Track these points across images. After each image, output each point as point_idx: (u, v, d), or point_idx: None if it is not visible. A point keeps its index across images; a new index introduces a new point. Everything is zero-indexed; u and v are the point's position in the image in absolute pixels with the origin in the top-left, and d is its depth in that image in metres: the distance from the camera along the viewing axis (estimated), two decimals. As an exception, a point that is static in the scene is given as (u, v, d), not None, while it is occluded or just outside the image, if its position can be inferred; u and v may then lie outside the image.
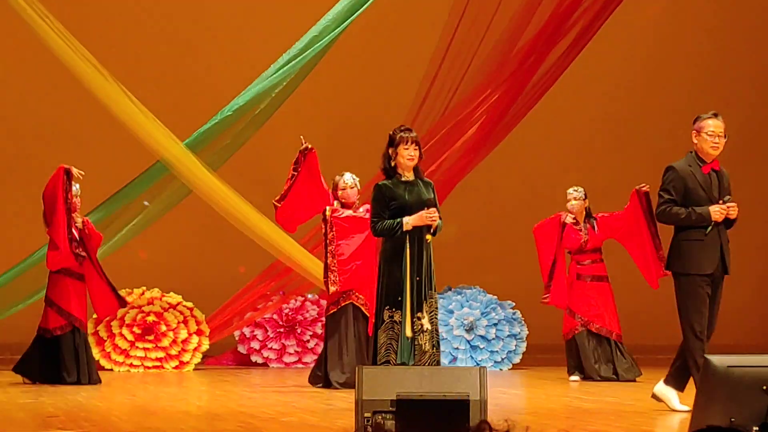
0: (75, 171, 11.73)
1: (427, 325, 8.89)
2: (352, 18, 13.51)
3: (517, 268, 15.16)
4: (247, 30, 15.44)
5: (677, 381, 9.17)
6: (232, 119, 13.55)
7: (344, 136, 15.70)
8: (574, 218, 12.69)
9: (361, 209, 11.67)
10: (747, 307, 16.23)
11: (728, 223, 9.10)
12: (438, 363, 9.03)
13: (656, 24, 16.57)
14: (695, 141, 9.15)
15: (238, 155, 13.98)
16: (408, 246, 8.88)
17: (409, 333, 8.82)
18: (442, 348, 13.25)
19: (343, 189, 11.74)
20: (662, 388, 9.22)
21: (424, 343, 8.87)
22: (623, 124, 16.30)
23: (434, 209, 8.95)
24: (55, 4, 13.09)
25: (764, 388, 6.21)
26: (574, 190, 12.81)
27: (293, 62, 13.52)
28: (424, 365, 8.71)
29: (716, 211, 8.99)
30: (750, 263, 16.04)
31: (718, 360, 6.32)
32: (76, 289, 11.98)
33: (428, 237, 8.97)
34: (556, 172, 16.21)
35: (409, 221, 8.86)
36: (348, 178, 11.79)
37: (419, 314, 8.86)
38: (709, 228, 9.02)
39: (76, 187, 11.95)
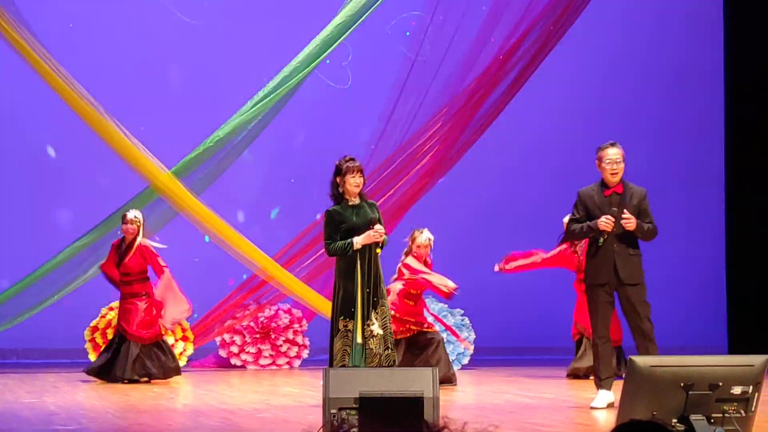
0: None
1: (378, 331, 8.95)
2: (318, 60, 13.55)
3: (466, 278, 15.18)
4: (226, 70, 15.43)
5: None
6: (213, 149, 13.56)
7: (311, 165, 15.71)
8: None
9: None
10: (690, 311, 16.30)
11: (627, 234, 9.07)
12: (394, 362, 9.07)
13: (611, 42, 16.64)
14: (599, 169, 9.22)
15: (218, 180, 13.98)
16: (359, 263, 8.98)
17: (359, 339, 8.90)
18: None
19: (418, 246, 11.83)
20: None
21: (375, 347, 8.93)
22: (582, 137, 16.32)
23: (380, 227, 9.03)
24: (52, 43, 13.06)
25: (682, 385, 6.26)
26: None
27: (267, 98, 13.54)
28: (376, 366, 8.76)
29: (602, 222, 9.00)
30: (674, 272, 16.13)
31: (641, 360, 6.36)
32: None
33: (378, 251, 9.09)
34: (510, 188, 16.25)
35: (358, 241, 8.95)
36: (425, 238, 11.84)
37: (368, 322, 8.93)
38: (601, 240, 9.02)
39: (131, 213, 12.24)
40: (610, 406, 8.98)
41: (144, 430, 8.01)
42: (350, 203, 9.09)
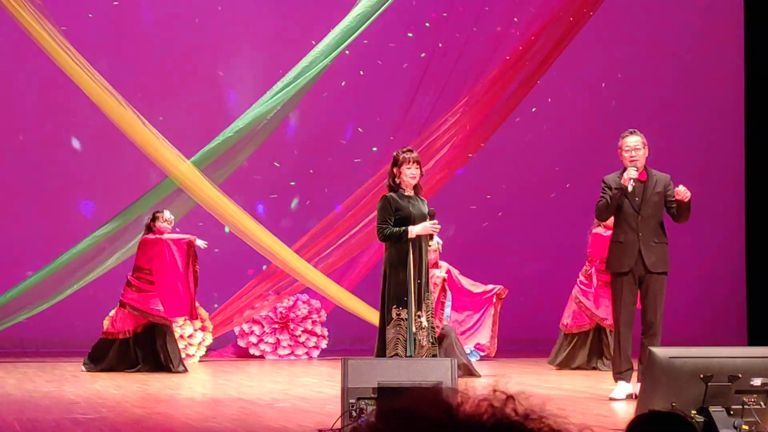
0: (200, 243, 12.26)
1: (425, 323, 8.91)
2: (338, 50, 13.53)
3: (486, 269, 15.17)
4: (247, 60, 15.44)
5: None
6: (233, 139, 13.56)
7: (331, 154, 15.71)
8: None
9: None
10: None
11: (651, 222, 9.03)
12: (436, 356, 9.06)
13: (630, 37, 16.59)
14: (620, 158, 9.20)
15: (238, 170, 13.99)
16: (411, 252, 8.93)
17: (414, 329, 8.86)
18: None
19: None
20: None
21: (422, 339, 8.90)
22: (598, 137, 16.28)
23: (437, 221, 9.01)
24: (76, 38, 13.09)
25: (701, 376, 6.24)
26: None
27: (286, 89, 13.53)
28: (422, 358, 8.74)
29: (625, 176, 8.95)
30: (694, 264, 16.08)
31: (660, 351, 6.34)
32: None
33: (431, 243, 9.09)
34: (529, 180, 16.22)
35: (414, 230, 8.90)
36: (434, 242, 12.30)
37: (419, 313, 8.89)
38: (631, 187, 8.94)
39: (167, 213, 12.43)
40: (629, 397, 8.96)
41: (163, 419, 8.02)
42: (406, 194, 9.08)
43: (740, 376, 6.27)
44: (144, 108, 13.34)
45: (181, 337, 13.73)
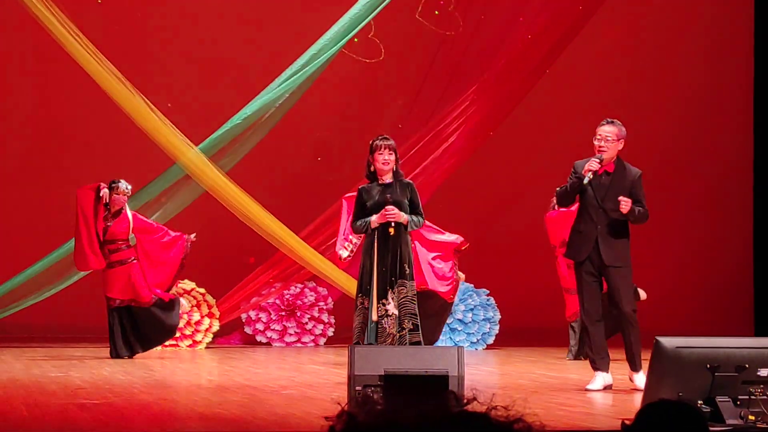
0: (103, 192, 12.00)
1: (393, 311, 8.90)
2: (347, 38, 13.52)
3: (492, 259, 15.16)
4: (255, 47, 15.41)
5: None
6: (241, 126, 13.55)
7: (339, 143, 15.70)
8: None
9: None
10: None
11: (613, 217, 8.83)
12: (416, 343, 8.99)
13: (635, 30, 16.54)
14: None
15: (246, 158, 13.97)
16: (375, 240, 8.97)
17: (374, 317, 8.88)
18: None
19: None
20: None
21: (389, 327, 8.90)
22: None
23: (391, 207, 8.96)
24: (85, 24, 13.08)
25: (708, 366, 6.23)
26: None
27: (295, 76, 13.52)
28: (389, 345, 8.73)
29: (587, 166, 8.77)
30: (701, 254, 16.06)
31: (667, 341, 6.33)
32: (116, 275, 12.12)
33: (390, 230, 9.01)
34: (536, 168, 16.20)
35: (374, 220, 8.95)
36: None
37: (384, 300, 8.90)
38: (586, 179, 8.71)
39: (123, 185, 12.09)
40: (608, 388, 8.88)
41: (169, 405, 8.03)
42: (381, 182, 9.06)
43: (747, 366, 6.26)
44: (154, 96, 13.32)
45: (188, 323, 13.74)
